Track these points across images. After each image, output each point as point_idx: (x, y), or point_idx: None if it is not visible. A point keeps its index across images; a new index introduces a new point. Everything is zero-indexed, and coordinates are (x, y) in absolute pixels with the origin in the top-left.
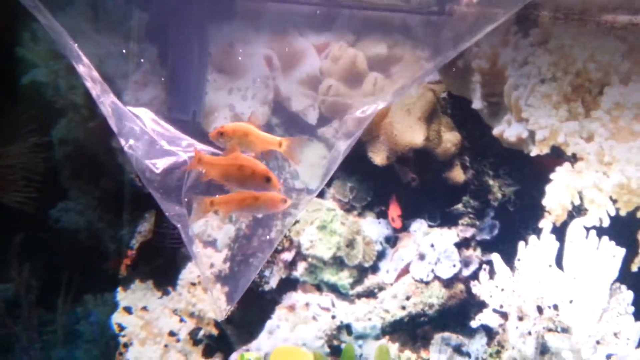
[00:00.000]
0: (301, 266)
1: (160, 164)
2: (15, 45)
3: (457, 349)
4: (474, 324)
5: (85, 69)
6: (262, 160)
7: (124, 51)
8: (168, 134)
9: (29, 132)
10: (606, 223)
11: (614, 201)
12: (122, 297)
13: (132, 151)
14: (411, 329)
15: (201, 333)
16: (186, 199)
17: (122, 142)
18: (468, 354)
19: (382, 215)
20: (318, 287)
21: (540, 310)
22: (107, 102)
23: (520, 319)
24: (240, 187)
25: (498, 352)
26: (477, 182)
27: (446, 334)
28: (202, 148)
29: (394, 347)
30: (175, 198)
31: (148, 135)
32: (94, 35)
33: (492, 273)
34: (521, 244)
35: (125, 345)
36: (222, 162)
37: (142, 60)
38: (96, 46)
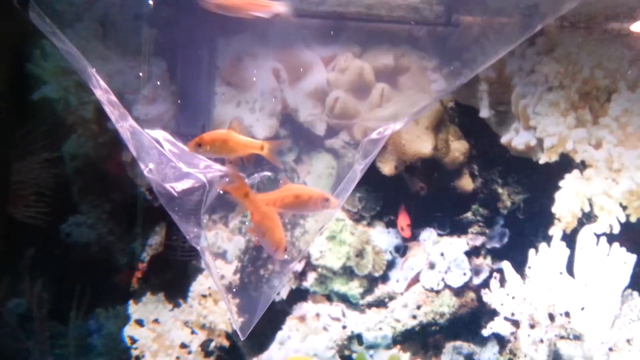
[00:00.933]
0: (311, 276)
1: (179, 187)
2: (25, 62)
3: (469, 358)
4: (485, 332)
5: (103, 93)
6: (240, 167)
7: (132, 66)
8: (185, 156)
9: (40, 148)
10: (616, 229)
11: (624, 207)
12: (134, 309)
13: (152, 175)
14: (422, 338)
15: (212, 345)
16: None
17: (142, 166)
18: None
19: (392, 224)
20: (328, 297)
21: (552, 317)
22: (125, 126)
23: (532, 326)
24: (299, 213)
25: None
26: (486, 190)
27: (458, 343)
28: (218, 169)
29: (405, 357)
30: (194, 220)
31: (166, 158)
32: (103, 51)
33: (502, 281)
34: (531, 251)
35: (138, 358)
36: (274, 196)
37: (151, 75)
38: (105, 62)
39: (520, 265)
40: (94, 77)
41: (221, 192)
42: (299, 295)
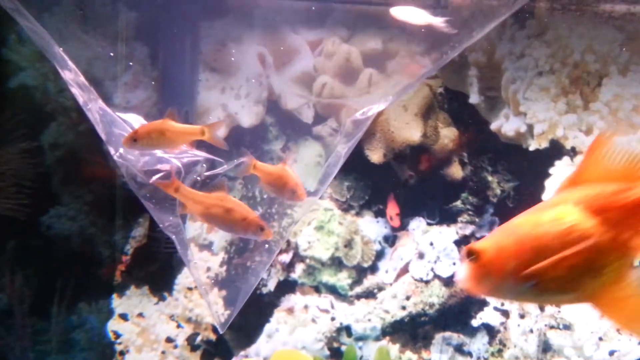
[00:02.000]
0: (299, 268)
1: (152, 173)
2: (1, 47)
3: (459, 349)
4: (475, 322)
5: (71, 74)
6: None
7: (112, 52)
8: None
9: (18, 137)
10: None
11: None
12: (118, 303)
13: (122, 160)
14: (412, 329)
15: (199, 338)
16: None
17: (112, 150)
18: (470, 354)
19: (380, 214)
20: (317, 289)
21: (541, 307)
22: (94, 108)
23: (522, 316)
24: (226, 231)
25: (500, 351)
26: (475, 178)
27: (447, 334)
28: (194, 154)
29: (394, 348)
30: (169, 207)
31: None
32: (82, 36)
33: None
34: None
35: (122, 353)
36: (204, 200)
37: (131, 61)
38: (84, 48)
39: None
40: (60, 57)
41: (198, 178)
42: (286, 287)
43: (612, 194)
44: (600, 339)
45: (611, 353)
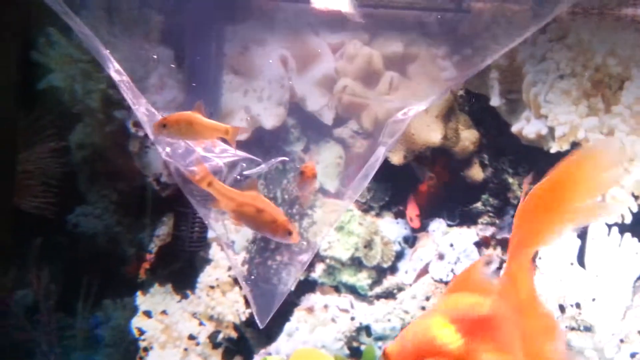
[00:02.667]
0: (319, 267)
1: (197, 170)
2: (31, 50)
3: None
4: None
5: (118, 75)
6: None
7: (139, 54)
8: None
9: (46, 137)
10: (628, 220)
11: (636, 197)
12: (142, 301)
13: (170, 159)
14: None
15: (220, 336)
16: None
17: (160, 149)
18: None
19: (400, 215)
20: (336, 289)
21: (562, 309)
22: (141, 109)
23: None
24: (254, 229)
25: None
26: (496, 180)
27: None
28: (235, 153)
29: None
30: (212, 202)
31: (184, 143)
32: (110, 39)
33: None
34: None
35: (145, 350)
36: (236, 197)
37: (158, 63)
38: (113, 50)
39: None
40: (107, 58)
41: (239, 177)
42: (307, 286)
43: (470, 305)
44: (622, 340)
45: (633, 355)
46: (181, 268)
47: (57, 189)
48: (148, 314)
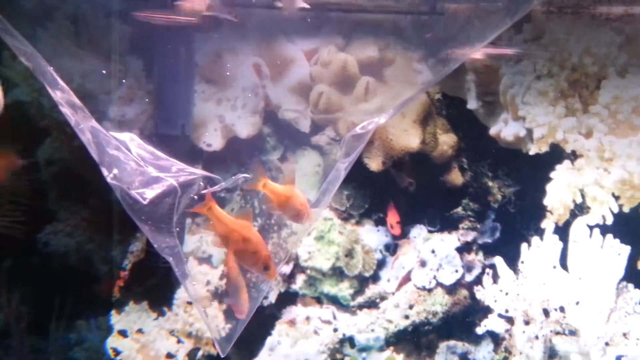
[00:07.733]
0: (300, 279)
1: (148, 194)
2: None
3: (464, 357)
4: (479, 330)
5: (62, 94)
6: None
7: (106, 66)
8: (156, 160)
9: (13, 154)
10: (610, 220)
11: (617, 197)
12: (116, 320)
13: (117, 182)
14: (416, 339)
15: (200, 354)
16: (177, 229)
17: (105, 172)
18: None
19: (381, 222)
20: (318, 300)
21: (546, 313)
22: (86, 128)
23: (527, 323)
24: (236, 257)
25: (505, 358)
26: (476, 184)
27: (452, 342)
28: (192, 171)
29: (399, 358)
30: (165, 229)
31: (134, 162)
32: (76, 51)
33: (495, 277)
34: (524, 245)
35: None
36: (228, 224)
37: (126, 74)
38: (79, 62)
39: (512, 260)
40: (51, 76)
41: (195, 197)
42: (288, 298)
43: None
44: (607, 343)
45: (618, 358)
46: (157, 284)
47: (26, 207)
48: (123, 333)
